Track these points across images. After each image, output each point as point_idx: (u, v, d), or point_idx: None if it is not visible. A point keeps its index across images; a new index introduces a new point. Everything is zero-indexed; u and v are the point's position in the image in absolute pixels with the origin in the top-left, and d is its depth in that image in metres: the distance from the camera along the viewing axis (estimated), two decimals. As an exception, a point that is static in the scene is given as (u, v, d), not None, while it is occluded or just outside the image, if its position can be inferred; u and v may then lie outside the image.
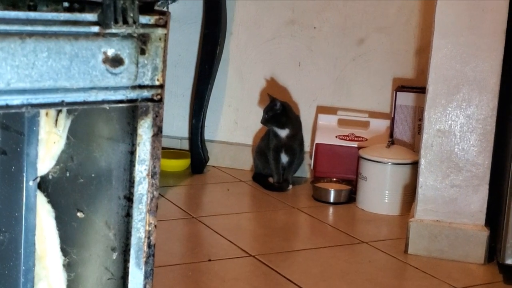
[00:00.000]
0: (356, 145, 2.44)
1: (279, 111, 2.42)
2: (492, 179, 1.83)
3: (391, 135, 2.43)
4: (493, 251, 1.83)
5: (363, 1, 2.53)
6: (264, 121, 2.43)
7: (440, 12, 1.80)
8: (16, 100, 0.72)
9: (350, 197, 2.34)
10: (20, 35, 0.70)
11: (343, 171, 2.45)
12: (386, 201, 2.23)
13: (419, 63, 2.50)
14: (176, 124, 2.75)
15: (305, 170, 2.59)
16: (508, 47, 1.78)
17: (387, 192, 2.23)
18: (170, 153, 2.64)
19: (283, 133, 2.44)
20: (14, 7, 0.70)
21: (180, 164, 2.62)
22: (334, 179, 2.43)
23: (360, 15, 2.54)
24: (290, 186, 2.45)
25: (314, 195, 2.38)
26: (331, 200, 2.33)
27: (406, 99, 2.42)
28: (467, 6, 1.78)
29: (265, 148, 2.48)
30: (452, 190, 1.85)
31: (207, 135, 2.66)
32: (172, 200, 2.26)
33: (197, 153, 2.61)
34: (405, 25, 2.51)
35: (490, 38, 1.77)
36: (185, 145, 2.72)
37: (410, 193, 2.20)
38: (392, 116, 2.44)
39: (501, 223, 1.72)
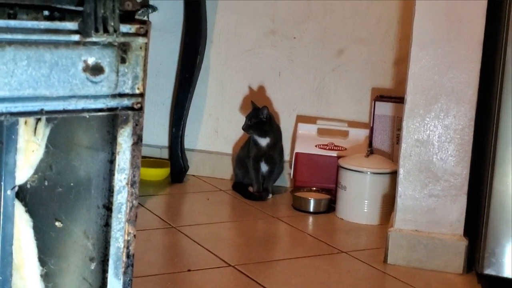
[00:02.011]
0: (335, 155, 2.45)
1: (265, 119, 2.42)
2: (471, 189, 1.85)
3: (370, 144, 2.44)
4: (472, 261, 1.84)
5: (343, 12, 2.55)
6: (246, 128, 2.43)
7: (418, 24, 1.82)
8: (-6, 108, 0.71)
9: (330, 206, 2.35)
10: (0, 43, 0.70)
11: (322, 180, 2.46)
12: (366, 210, 2.24)
13: (398, 74, 2.52)
14: (156, 132, 2.74)
15: (285, 179, 2.60)
16: (486, 57, 1.80)
17: (366, 201, 2.24)
18: (150, 162, 2.63)
19: (264, 142, 2.44)
20: (-6, 15, 0.70)
21: (160, 173, 2.61)
22: (314, 188, 2.44)
23: (340, 27, 2.56)
24: (270, 196, 2.45)
25: (294, 204, 2.38)
26: (311, 209, 2.34)
27: (384, 109, 2.43)
28: (445, 17, 1.80)
29: (245, 157, 2.48)
30: (431, 200, 1.87)
31: (187, 144, 2.65)
32: (152, 210, 2.24)
33: (177, 162, 2.60)
34: (384, 36, 2.54)
35: (468, 49, 1.80)
36: (165, 154, 2.71)
37: (389, 202, 2.21)
38: (371, 125, 2.46)
39: (480, 232, 1.74)
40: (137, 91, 0.81)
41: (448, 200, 1.85)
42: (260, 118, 2.42)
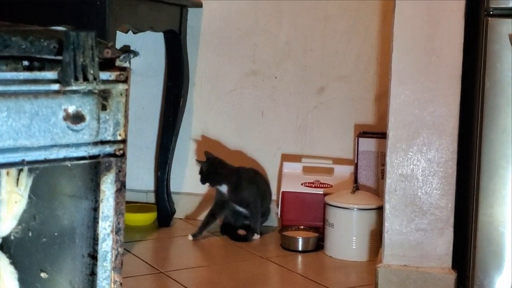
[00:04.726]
0: (321, 192, 2.45)
1: (209, 168, 2.42)
2: (457, 222, 1.86)
3: (356, 180, 2.45)
4: (462, 293, 1.84)
5: (322, 51, 2.59)
6: (202, 180, 2.43)
7: (396, 60, 1.85)
8: (-25, 160, 0.71)
9: (318, 244, 2.34)
10: (-21, 95, 0.70)
11: (310, 218, 2.45)
12: (354, 247, 2.24)
13: (379, 109, 2.55)
14: (141, 177, 2.73)
15: (272, 219, 2.59)
16: (465, 90, 1.83)
17: (354, 238, 2.23)
18: (136, 207, 2.61)
19: (224, 189, 2.44)
20: (-27, 67, 0.70)
21: (146, 218, 2.59)
22: (302, 226, 2.43)
23: (320, 65, 2.59)
24: (257, 236, 2.44)
25: (282, 243, 2.37)
26: (300, 248, 2.32)
27: (368, 144, 2.45)
28: (422, 53, 1.83)
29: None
30: (418, 234, 1.87)
31: (173, 187, 2.64)
32: (139, 255, 2.22)
33: (163, 206, 2.58)
34: (363, 73, 2.57)
35: (446, 83, 1.82)
36: (151, 198, 2.70)
37: (377, 238, 2.20)
38: (356, 162, 2.47)
39: (468, 265, 1.74)
40: (119, 138, 0.81)
41: (435, 233, 1.85)
42: (212, 167, 2.41)
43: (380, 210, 2.13)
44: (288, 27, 2.60)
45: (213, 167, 2.43)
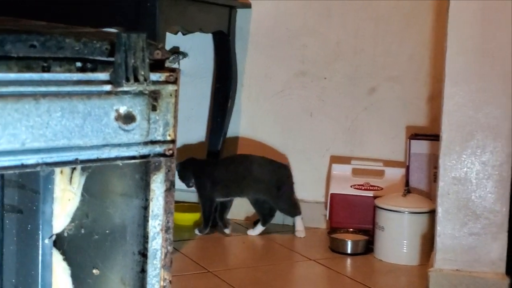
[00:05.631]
0: (371, 195, 2.42)
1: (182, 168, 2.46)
2: (511, 226, 1.81)
3: (407, 183, 2.41)
4: (516, 300, 1.79)
5: (373, 51, 2.56)
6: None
7: (450, 61, 1.82)
8: (31, 159, 0.73)
9: (368, 247, 2.31)
10: (34, 96, 0.71)
11: (359, 221, 2.42)
12: (405, 251, 2.20)
13: (432, 111, 2.50)
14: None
15: (321, 221, 2.57)
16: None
17: (405, 241, 2.20)
18: (185, 206, 2.63)
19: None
20: (29, 68, 0.72)
21: (194, 218, 2.61)
22: (351, 229, 2.40)
23: (371, 65, 2.56)
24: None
25: (331, 246, 2.35)
26: (349, 251, 2.30)
27: (420, 147, 2.41)
28: (477, 53, 1.79)
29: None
30: (471, 238, 1.82)
31: (221, 188, 2.66)
32: (187, 254, 2.24)
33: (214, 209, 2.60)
34: (416, 74, 2.53)
35: (501, 84, 1.78)
36: (200, 199, 2.72)
37: (428, 242, 2.16)
38: (407, 164, 2.43)
39: (523, 271, 1.69)
40: (169, 138, 0.82)
41: (488, 238, 1.81)
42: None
43: (431, 213, 2.09)
44: (338, 27, 2.58)
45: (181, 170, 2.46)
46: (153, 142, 0.81)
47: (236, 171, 2.45)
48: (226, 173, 2.45)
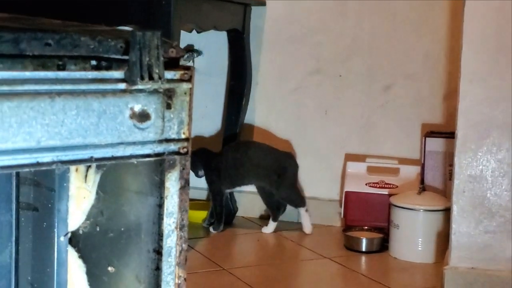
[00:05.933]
0: (386, 192, 2.41)
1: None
2: (528, 224, 1.79)
3: (422, 181, 2.40)
4: (533, 299, 1.77)
5: (388, 49, 2.54)
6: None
7: (466, 58, 1.80)
8: (46, 157, 0.73)
9: (383, 245, 2.31)
10: (50, 94, 0.72)
11: (374, 219, 2.42)
12: (420, 249, 2.19)
13: (448, 108, 2.48)
14: (205, 175, 2.75)
15: (335, 219, 2.57)
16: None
17: (420, 239, 2.19)
18: (200, 204, 2.64)
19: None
20: (44, 67, 0.72)
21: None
22: (366, 227, 2.40)
23: (386, 63, 2.55)
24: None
25: (346, 244, 2.34)
26: (363, 249, 2.30)
27: (435, 144, 2.39)
28: (493, 50, 1.78)
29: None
30: (486, 236, 1.81)
31: (236, 186, 2.66)
32: (202, 252, 2.24)
33: (226, 204, 2.60)
34: (432, 71, 2.51)
35: (518, 81, 1.76)
36: (215, 196, 2.72)
37: (443, 240, 2.15)
38: (422, 162, 2.42)
39: (540, 269, 1.67)
40: (183, 136, 0.82)
41: (504, 236, 1.79)
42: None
43: (447, 211, 2.07)
44: (353, 25, 2.57)
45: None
46: (168, 140, 0.81)
47: (236, 157, 2.43)
48: (228, 161, 2.43)
